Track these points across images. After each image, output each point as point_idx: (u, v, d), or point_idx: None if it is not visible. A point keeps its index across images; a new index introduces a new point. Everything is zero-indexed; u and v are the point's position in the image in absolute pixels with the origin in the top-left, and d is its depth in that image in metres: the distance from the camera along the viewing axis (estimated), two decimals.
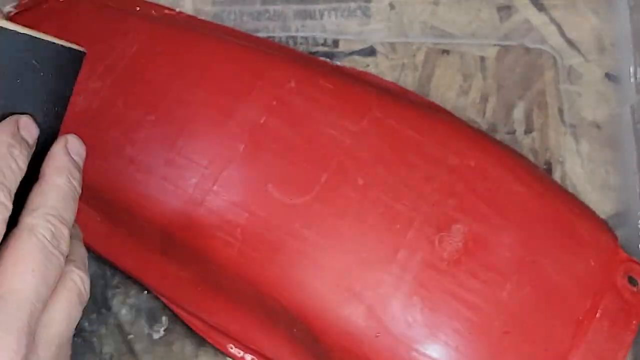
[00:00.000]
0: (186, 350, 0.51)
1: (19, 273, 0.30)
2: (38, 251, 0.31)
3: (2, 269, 0.30)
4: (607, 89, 0.57)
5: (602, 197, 0.54)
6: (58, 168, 0.33)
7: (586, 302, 0.44)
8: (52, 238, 0.31)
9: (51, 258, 0.31)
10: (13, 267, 0.30)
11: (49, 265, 0.31)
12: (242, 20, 0.59)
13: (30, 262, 0.30)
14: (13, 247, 0.31)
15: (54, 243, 0.31)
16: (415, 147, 0.46)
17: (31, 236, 0.31)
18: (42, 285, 0.30)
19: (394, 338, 0.42)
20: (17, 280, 0.30)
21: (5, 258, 0.30)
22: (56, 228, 0.32)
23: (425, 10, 0.59)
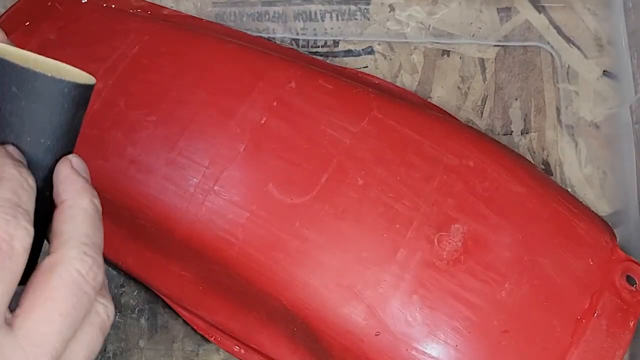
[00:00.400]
0: (187, 348, 0.51)
1: (47, 314, 0.28)
2: (71, 293, 0.28)
3: (31, 306, 0.28)
4: (605, 89, 0.57)
5: (601, 196, 0.55)
6: (78, 191, 0.31)
7: (585, 301, 0.44)
8: (88, 271, 0.29)
9: (83, 298, 0.29)
10: (42, 308, 0.28)
11: (79, 307, 0.29)
12: (242, 21, 0.59)
13: (61, 305, 0.28)
14: (45, 283, 0.28)
15: (88, 277, 0.29)
16: (415, 147, 0.46)
17: (65, 273, 0.29)
18: (69, 330, 0.28)
19: (394, 337, 0.42)
20: (43, 322, 0.28)
21: (35, 293, 0.28)
22: (94, 260, 0.30)
23: (425, 12, 0.59)
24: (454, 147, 0.46)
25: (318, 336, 0.44)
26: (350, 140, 0.46)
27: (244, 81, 0.48)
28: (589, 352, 0.43)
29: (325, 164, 0.45)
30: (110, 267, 0.53)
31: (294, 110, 0.47)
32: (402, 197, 0.44)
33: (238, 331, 0.48)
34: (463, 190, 0.45)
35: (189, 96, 0.47)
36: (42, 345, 0.28)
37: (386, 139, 0.46)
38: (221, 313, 0.49)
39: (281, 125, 0.46)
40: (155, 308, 0.52)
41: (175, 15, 0.57)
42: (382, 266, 0.43)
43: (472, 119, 0.57)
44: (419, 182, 0.45)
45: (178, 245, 0.46)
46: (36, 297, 0.28)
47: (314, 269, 0.43)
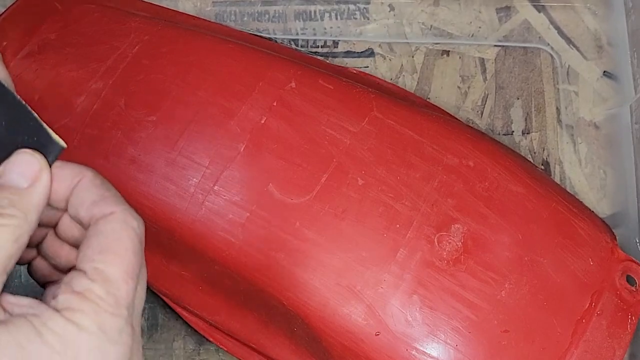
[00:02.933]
0: (187, 348, 0.51)
1: (124, 271, 0.30)
2: (138, 250, 0.31)
3: (108, 262, 0.30)
4: (605, 89, 0.57)
5: (601, 196, 0.55)
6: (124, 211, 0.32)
7: (585, 301, 0.44)
8: (141, 227, 0.31)
9: (141, 254, 0.31)
10: (120, 265, 0.30)
11: (140, 263, 0.31)
12: (242, 21, 0.59)
13: (134, 261, 0.30)
14: (118, 241, 0.30)
15: (142, 234, 0.31)
16: (415, 147, 0.46)
17: (132, 231, 0.31)
18: (135, 286, 0.30)
19: (394, 337, 0.42)
20: (123, 279, 0.29)
21: (109, 251, 0.30)
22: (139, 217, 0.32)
23: (425, 11, 0.59)
24: (454, 147, 0.46)
25: (318, 336, 0.44)
26: (350, 140, 0.46)
27: (244, 81, 0.48)
28: (589, 352, 0.43)
29: (325, 164, 0.45)
30: None
31: (294, 110, 0.47)
32: (402, 197, 0.44)
33: (238, 331, 0.48)
34: (463, 190, 0.45)
35: (189, 96, 0.48)
36: (125, 303, 0.29)
37: (386, 139, 0.46)
38: (221, 313, 0.49)
39: (281, 125, 0.46)
40: (155, 308, 0.52)
41: (175, 15, 0.57)
42: (382, 266, 0.43)
43: (472, 118, 0.57)
44: (419, 182, 0.45)
45: (178, 245, 0.46)
46: (113, 253, 0.30)
47: (314, 268, 0.43)
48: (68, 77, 0.50)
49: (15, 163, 0.30)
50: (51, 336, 0.27)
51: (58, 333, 0.28)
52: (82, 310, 0.28)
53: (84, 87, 0.49)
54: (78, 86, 0.49)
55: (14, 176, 0.30)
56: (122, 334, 0.29)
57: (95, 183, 0.32)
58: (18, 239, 0.29)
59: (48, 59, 0.51)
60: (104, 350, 0.28)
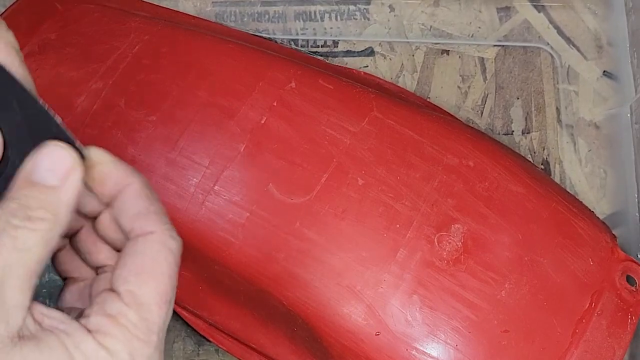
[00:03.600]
0: (187, 349, 0.51)
1: (159, 296, 0.29)
2: (173, 273, 0.30)
3: (144, 283, 0.29)
4: (605, 89, 0.57)
5: (601, 196, 0.55)
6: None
7: (585, 301, 0.44)
8: (179, 249, 0.30)
9: (175, 276, 0.30)
10: (155, 288, 0.29)
11: (174, 285, 0.30)
12: (242, 21, 0.59)
13: (169, 285, 0.29)
14: (156, 263, 0.29)
15: (178, 255, 0.30)
16: (415, 147, 0.46)
17: (170, 255, 0.30)
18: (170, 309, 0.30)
19: (394, 337, 0.42)
20: (156, 313, 0.29)
21: (146, 273, 0.29)
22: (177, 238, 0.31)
23: (425, 12, 0.59)
24: (454, 147, 0.46)
25: (318, 336, 0.44)
26: (350, 140, 0.46)
27: (244, 81, 0.48)
28: (589, 352, 0.43)
29: (325, 164, 0.45)
30: None
31: (294, 110, 0.47)
32: (402, 197, 0.44)
33: (238, 331, 0.48)
34: (463, 190, 0.45)
35: (189, 96, 0.48)
36: (157, 326, 0.29)
37: (386, 139, 0.46)
38: (221, 313, 0.49)
39: (281, 125, 0.46)
40: None
41: (175, 15, 0.57)
42: (382, 266, 0.43)
43: (472, 118, 0.57)
44: (419, 182, 0.45)
45: None
46: (148, 276, 0.29)
47: (314, 269, 0.43)
48: (68, 77, 0.50)
49: (45, 157, 0.28)
50: (82, 358, 0.27)
51: (89, 357, 0.27)
52: (114, 335, 0.27)
53: (84, 87, 0.49)
54: (78, 86, 0.49)
55: (43, 172, 0.28)
56: (150, 359, 0.28)
57: (143, 193, 0.30)
58: (48, 243, 0.27)
59: (48, 59, 0.51)
60: None
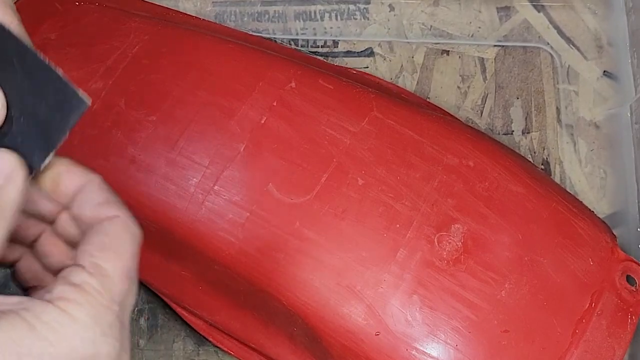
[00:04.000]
0: (187, 348, 0.51)
1: (123, 271, 0.31)
2: (136, 251, 0.32)
3: (108, 258, 0.30)
4: (605, 89, 0.57)
5: (600, 196, 0.55)
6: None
7: (585, 301, 0.44)
8: (140, 231, 0.32)
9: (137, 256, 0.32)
10: (119, 262, 0.30)
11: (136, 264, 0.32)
12: (242, 21, 0.59)
13: (132, 261, 0.31)
14: (120, 241, 0.31)
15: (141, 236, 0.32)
16: (415, 147, 0.46)
17: (136, 231, 0.32)
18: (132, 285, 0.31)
19: (394, 337, 0.42)
20: (119, 286, 0.30)
21: (111, 250, 0.31)
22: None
23: (425, 12, 0.59)
24: (454, 147, 0.46)
25: (318, 336, 0.44)
26: (350, 140, 0.46)
27: (244, 81, 0.48)
28: (589, 352, 0.43)
29: (325, 164, 0.45)
30: None
31: (294, 110, 0.47)
32: (402, 197, 0.44)
33: (238, 331, 0.48)
34: (463, 190, 0.45)
35: (189, 96, 0.48)
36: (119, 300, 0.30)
37: (386, 139, 0.46)
38: (221, 313, 0.49)
39: (281, 125, 0.46)
40: (155, 308, 0.52)
41: (175, 15, 0.57)
42: (382, 266, 0.43)
43: (472, 118, 0.57)
44: (419, 182, 0.45)
45: (178, 245, 0.46)
46: (114, 252, 0.30)
47: (314, 269, 0.43)
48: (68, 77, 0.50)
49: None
50: (45, 328, 0.27)
51: (51, 325, 0.28)
52: (77, 301, 0.28)
53: (84, 87, 0.49)
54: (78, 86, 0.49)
55: None
56: (113, 328, 0.29)
57: (103, 187, 0.33)
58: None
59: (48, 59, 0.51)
60: (96, 343, 0.28)
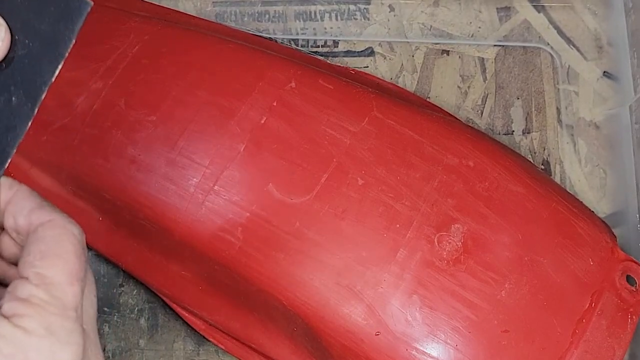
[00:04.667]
0: (187, 348, 0.51)
1: (68, 275, 0.30)
2: (81, 253, 0.31)
3: (51, 265, 0.30)
4: (605, 89, 0.57)
5: (600, 196, 0.55)
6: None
7: (585, 301, 0.44)
8: (81, 233, 0.32)
9: (83, 258, 0.31)
10: (63, 268, 0.30)
11: (84, 266, 0.31)
12: (242, 21, 0.59)
13: (77, 265, 0.30)
14: (58, 245, 0.30)
15: (83, 238, 0.32)
16: (415, 147, 0.46)
17: (72, 236, 0.31)
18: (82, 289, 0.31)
19: (394, 336, 0.42)
20: (69, 291, 0.30)
21: (50, 256, 0.30)
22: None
23: (425, 12, 0.59)
24: (454, 147, 0.46)
25: (318, 336, 0.44)
26: (350, 140, 0.46)
27: (244, 81, 0.48)
28: (589, 352, 0.43)
29: (325, 164, 0.45)
30: (110, 266, 0.53)
31: (294, 110, 0.47)
32: (402, 197, 0.44)
33: (238, 331, 0.48)
34: (463, 190, 0.45)
35: (189, 96, 0.48)
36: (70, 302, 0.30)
37: (386, 139, 0.46)
38: (221, 313, 0.49)
39: (281, 125, 0.46)
40: (155, 308, 0.52)
41: (175, 15, 0.57)
42: (382, 266, 0.43)
43: (472, 118, 0.57)
44: (419, 182, 0.45)
45: (178, 245, 0.46)
46: (54, 257, 0.30)
47: (314, 268, 0.43)
48: (68, 77, 0.50)
49: None
50: (1, 342, 0.27)
51: (6, 337, 0.28)
52: (28, 314, 0.28)
53: (84, 87, 0.49)
54: (78, 86, 0.49)
55: None
56: (72, 334, 0.29)
57: (32, 193, 0.32)
58: None
59: None
60: (53, 351, 0.28)
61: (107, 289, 0.52)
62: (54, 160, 0.49)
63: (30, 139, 0.49)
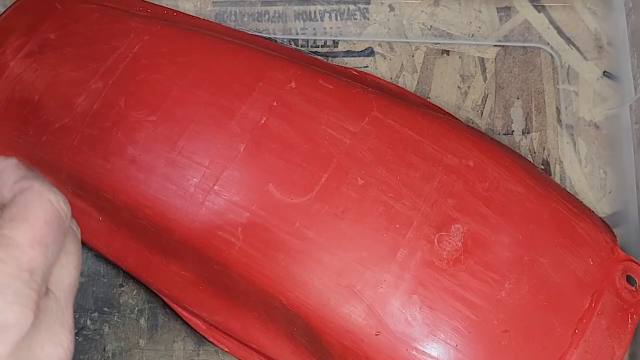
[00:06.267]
0: (187, 349, 0.51)
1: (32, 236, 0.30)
2: (51, 219, 0.30)
3: (16, 227, 0.30)
4: (605, 89, 0.57)
5: (601, 196, 0.55)
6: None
7: (585, 301, 0.44)
8: (59, 200, 0.31)
9: (61, 224, 0.31)
10: (28, 229, 0.30)
11: (59, 231, 0.31)
12: (242, 21, 0.59)
13: (44, 228, 0.30)
14: (26, 209, 0.30)
15: (61, 206, 0.31)
16: (415, 147, 0.46)
17: (45, 202, 0.30)
18: (53, 254, 0.30)
19: (394, 337, 0.42)
20: (29, 253, 0.29)
21: (17, 220, 0.30)
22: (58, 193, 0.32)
23: (425, 12, 0.59)
24: (454, 147, 0.46)
25: (318, 336, 0.44)
26: (350, 140, 0.46)
27: (244, 81, 0.48)
28: (589, 352, 0.43)
29: (325, 164, 0.45)
30: (110, 266, 0.53)
31: (294, 110, 0.47)
32: (402, 197, 0.44)
33: (238, 331, 0.48)
34: (463, 190, 0.45)
35: (189, 96, 0.48)
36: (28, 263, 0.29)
37: (386, 139, 0.46)
38: (221, 313, 0.49)
39: (281, 125, 0.46)
40: (155, 308, 0.52)
41: (176, 15, 0.57)
42: (382, 266, 0.43)
43: (472, 118, 0.57)
44: (419, 182, 0.45)
45: (178, 245, 0.46)
46: (21, 220, 0.30)
47: (314, 268, 0.43)
48: (68, 77, 0.50)
49: None
50: None
51: None
52: None
53: (84, 87, 0.49)
54: (78, 86, 0.49)
55: None
56: (20, 295, 0.29)
57: (19, 166, 0.32)
58: None
59: (48, 59, 0.51)
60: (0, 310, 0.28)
61: (107, 289, 0.52)
62: (54, 160, 0.49)
63: (30, 139, 0.50)
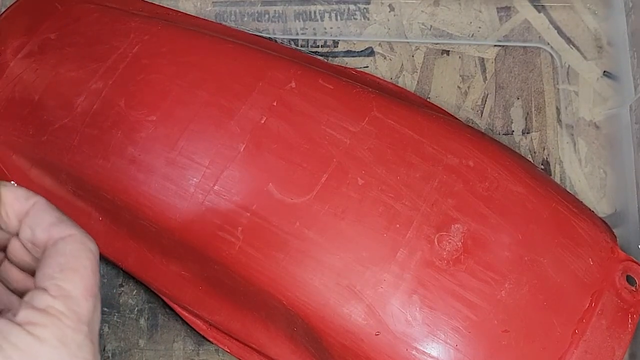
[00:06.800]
0: (187, 348, 0.51)
1: (85, 290, 0.31)
2: (95, 269, 0.32)
3: (68, 280, 0.31)
4: (605, 89, 0.57)
5: (600, 196, 0.55)
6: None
7: (585, 301, 0.44)
8: (97, 248, 0.32)
9: (97, 274, 0.32)
10: (80, 283, 0.31)
11: (97, 282, 0.32)
12: (242, 21, 0.59)
13: (93, 280, 0.31)
14: (77, 259, 0.31)
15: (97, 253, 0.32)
16: (415, 147, 0.46)
17: (89, 252, 0.32)
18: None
19: (394, 336, 0.42)
20: (84, 305, 0.30)
21: (69, 270, 0.31)
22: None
23: (425, 12, 0.59)
24: (454, 147, 0.46)
25: (318, 336, 0.44)
26: (350, 140, 0.46)
27: (244, 81, 0.48)
28: (589, 352, 0.43)
29: (325, 164, 0.45)
30: (110, 266, 0.53)
31: (294, 110, 0.47)
32: (402, 197, 0.44)
33: (238, 331, 0.48)
34: (463, 190, 0.45)
35: (189, 96, 0.48)
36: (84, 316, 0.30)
37: (386, 139, 0.46)
38: (221, 313, 0.49)
39: (281, 125, 0.46)
40: (155, 308, 0.52)
41: (176, 15, 0.57)
42: (382, 266, 0.43)
43: (472, 118, 0.57)
44: (419, 182, 0.45)
45: (178, 245, 0.46)
46: (73, 271, 0.31)
47: (314, 268, 0.43)
48: (68, 77, 0.50)
49: None
50: (12, 349, 0.28)
51: (19, 346, 0.28)
52: (43, 324, 0.29)
53: (84, 87, 0.49)
54: (78, 86, 0.49)
55: None
56: (82, 348, 0.29)
57: (51, 206, 0.32)
58: None
59: (48, 59, 0.51)
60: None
61: (107, 289, 0.52)
62: (54, 160, 0.49)
63: (30, 139, 0.50)
